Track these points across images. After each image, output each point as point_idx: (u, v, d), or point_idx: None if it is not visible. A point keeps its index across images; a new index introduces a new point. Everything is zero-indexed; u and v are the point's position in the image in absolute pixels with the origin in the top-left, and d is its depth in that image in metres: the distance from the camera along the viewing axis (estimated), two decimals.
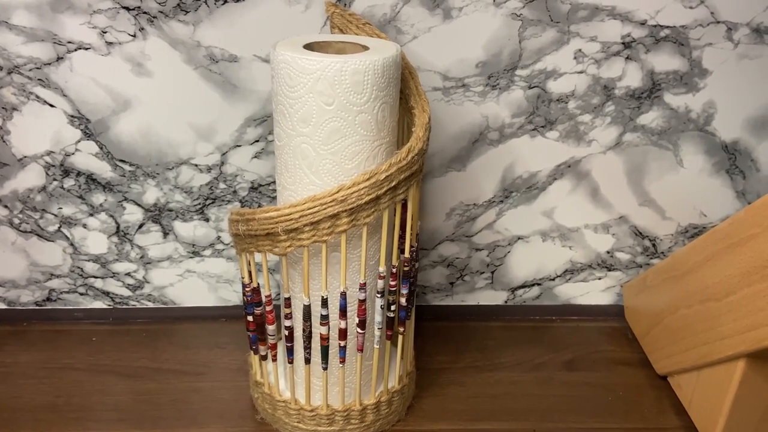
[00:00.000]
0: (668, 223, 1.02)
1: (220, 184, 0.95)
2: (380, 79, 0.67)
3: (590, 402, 0.90)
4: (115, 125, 0.90)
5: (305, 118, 0.67)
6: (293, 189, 0.72)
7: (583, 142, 0.96)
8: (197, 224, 0.98)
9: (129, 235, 0.98)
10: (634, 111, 0.94)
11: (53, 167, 0.92)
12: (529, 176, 0.98)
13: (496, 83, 0.91)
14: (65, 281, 1.00)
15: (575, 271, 1.05)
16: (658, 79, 0.92)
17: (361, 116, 0.67)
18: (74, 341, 0.98)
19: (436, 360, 0.97)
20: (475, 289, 1.06)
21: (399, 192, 0.69)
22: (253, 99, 0.90)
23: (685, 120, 0.95)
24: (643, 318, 1.00)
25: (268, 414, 0.83)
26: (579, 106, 0.93)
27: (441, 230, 1.01)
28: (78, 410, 0.85)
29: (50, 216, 0.96)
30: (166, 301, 1.04)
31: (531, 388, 0.92)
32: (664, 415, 0.89)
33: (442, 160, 0.96)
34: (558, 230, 1.02)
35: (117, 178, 0.94)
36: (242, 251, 0.74)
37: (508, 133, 0.95)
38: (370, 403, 0.80)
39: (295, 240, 0.68)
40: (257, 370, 0.83)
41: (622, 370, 0.96)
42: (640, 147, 0.96)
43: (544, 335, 1.04)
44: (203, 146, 0.93)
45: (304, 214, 0.66)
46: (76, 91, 0.88)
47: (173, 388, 0.89)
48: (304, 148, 0.69)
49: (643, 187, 0.99)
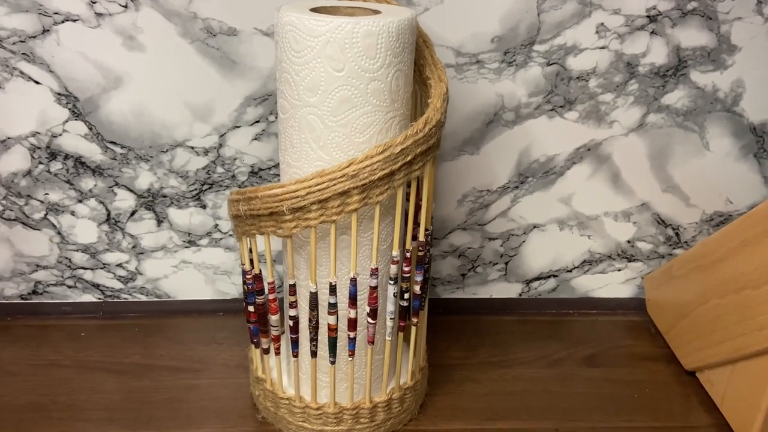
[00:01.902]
0: (692, 211, 0.96)
1: (218, 168, 0.89)
2: (395, 43, 0.61)
3: (614, 399, 0.84)
4: (106, 104, 0.84)
5: (312, 87, 0.61)
6: (299, 166, 0.66)
7: (604, 124, 0.90)
8: (193, 211, 0.92)
9: (120, 223, 0.92)
10: (658, 90, 0.88)
11: (39, 149, 0.86)
12: (546, 160, 0.92)
13: (512, 59, 0.85)
14: (52, 273, 0.94)
15: (594, 262, 1.00)
16: (685, 55, 0.87)
17: (374, 84, 0.61)
18: (62, 337, 0.92)
19: (449, 356, 0.91)
20: (487, 282, 1.01)
21: (415, 168, 0.63)
22: (254, 76, 0.84)
23: (712, 100, 0.89)
24: (667, 311, 0.94)
25: (270, 413, 0.77)
26: (600, 85, 0.88)
27: (452, 218, 0.95)
28: (64, 409, 0.79)
29: (36, 202, 0.89)
30: (160, 294, 0.97)
31: (551, 385, 0.86)
32: (694, 412, 0.83)
33: (453, 142, 0.90)
34: (576, 218, 0.96)
35: (107, 161, 0.88)
36: (243, 235, 0.68)
37: (524, 114, 0.89)
38: (380, 401, 0.74)
39: (301, 220, 0.62)
40: (258, 366, 0.77)
41: (647, 365, 0.91)
42: (664, 129, 0.91)
43: (561, 330, 0.98)
44: (200, 127, 0.87)
45: (311, 190, 0.60)
46: (64, 66, 0.82)
47: (167, 386, 0.83)
48: (311, 120, 0.63)
49: (666, 172, 0.94)
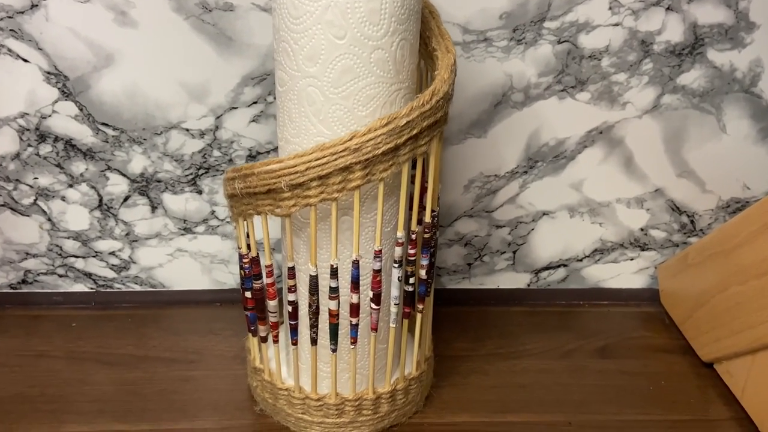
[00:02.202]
0: (708, 197, 0.93)
1: (215, 152, 0.86)
2: (399, 9, 0.57)
3: (629, 392, 0.81)
4: (97, 84, 0.81)
5: (312, 56, 0.58)
6: (297, 142, 0.62)
7: (617, 105, 0.86)
8: (189, 197, 0.88)
9: (113, 209, 0.88)
10: (674, 69, 0.85)
11: (28, 131, 0.83)
12: (557, 143, 0.88)
13: (521, 37, 0.82)
14: (42, 261, 0.91)
15: (605, 250, 0.96)
16: (701, 33, 0.83)
17: (378, 53, 0.58)
18: (52, 327, 0.88)
19: (455, 347, 0.87)
20: (494, 271, 0.97)
21: (421, 142, 0.60)
22: (251, 54, 0.80)
23: (730, 80, 0.86)
24: (683, 300, 0.90)
25: (269, 404, 0.73)
26: (613, 64, 0.84)
27: (458, 204, 0.92)
28: (53, 401, 0.75)
29: (25, 187, 0.86)
30: (155, 284, 0.94)
31: (562, 377, 0.82)
32: (712, 405, 0.79)
33: (460, 125, 0.87)
34: (587, 205, 0.93)
35: (99, 144, 0.84)
36: (239, 216, 0.65)
37: (534, 95, 0.85)
38: (384, 392, 0.71)
39: (300, 197, 0.59)
40: (256, 355, 0.73)
41: (661, 357, 0.87)
42: (679, 110, 0.87)
43: (571, 321, 0.94)
44: (195, 108, 0.83)
45: (311, 165, 0.57)
46: (53, 44, 0.78)
47: (161, 378, 0.79)
48: (310, 92, 0.59)
49: (681, 156, 0.90)
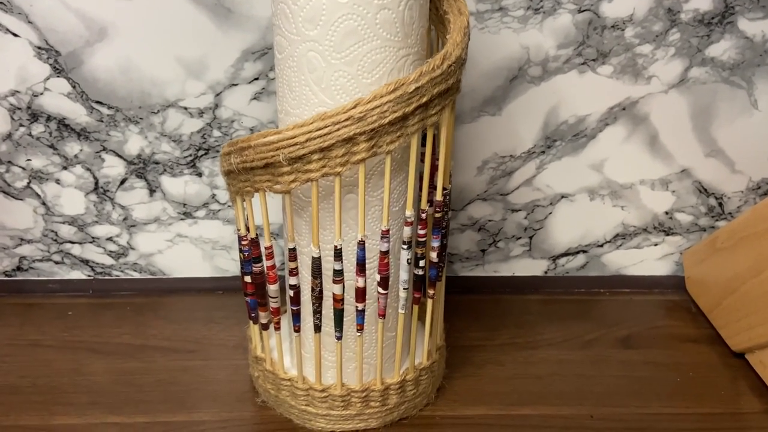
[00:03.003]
0: (738, 178, 0.87)
1: (214, 132, 0.82)
2: None
3: (655, 383, 0.76)
4: (90, 59, 0.77)
5: (312, 17, 0.53)
6: (298, 114, 0.58)
7: (641, 79, 0.81)
8: (188, 180, 0.84)
9: (110, 193, 0.84)
10: (702, 40, 0.79)
11: (19, 110, 0.79)
12: (576, 121, 0.83)
13: (539, 6, 0.77)
14: (37, 247, 0.87)
15: (627, 236, 0.91)
16: (732, 1, 0.77)
17: (384, 13, 0.53)
18: (47, 316, 0.85)
19: (468, 336, 0.83)
20: (510, 258, 0.92)
21: (431, 112, 0.55)
22: (251, 27, 0.76)
23: (762, 52, 0.80)
24: (711, 287, 0.85)
25: (271, 396, 0.69)
26: (638, 34, 0.79)
27: (471, 187, 0.87)
28: (44, 392, 0.72)
29: (17, 169, 0.82)
30: (154, 271, 0.90)
31: (583, 368, 0.78)
32: (744, 397, 0.74)
33: (473, 102, 0.82)
34: (608, 187, 0.88)
35: (93, 123, 0.80)
36: (237, 194, 0.60)
37: (552, 69, 0.80)
38: (393, 382, 0.66)
39: (300, 172, 0.54)
40: (257, 344, 0.69)
41: (689, 347, 0.82)
42: (708, 85, 0.82)
43: (591, 310, 0.89)
44: (193, 85, 0.79)
45: (312, 136, 0.52)
46: (43, 17, 0.75)
47: (158, 368, 0.76)
48: (311, 57, 0.55)
49: (710, 134, 0.85)
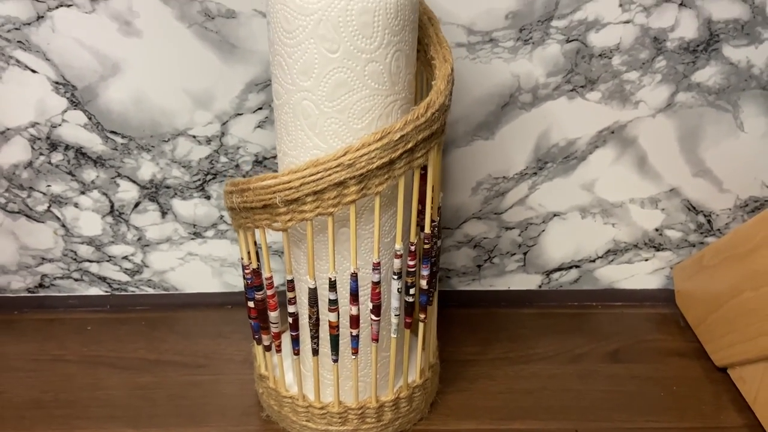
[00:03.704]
0: (726, 196, 0.90)
1: (221, 158, 0.86)
2: (393, 20, 0.56)
3: (639, 398, 0.79)
4: (104, 92, 0.82)
5: (306, 70, 0.57)
6: (295, 155, 0.62)
7: (629, 104, 0.84)
8: (198, 202, 0.89)
9: (124, 215, 0.89)
10: (688, 67, 0.82)
11: (39, 140, 0.84)
12: (567, 144, 0.87)
13: (528, 37, 0.80)
14: (58, 266, 0.93)
15: (619, 251, 0.94)
16: (717, 29, 0.80)
17: (372, 66, 0.57)
18: (68, 331, 0.90)
19: (462, 351, 0.87)
20: (505, 273, 0.96)
21: (417, 155, 0.59)
22: (255, 60, 0.80)
23: (747, 77, 0.83)
24: (698, 303, 0.88)
25: (274, 411, 0.74)
26: (625, 62, 0.82)
27: (466, 207, 0.91)
28: (65, 406, 0.77)
29: (38, 194, 0.88)
30: (167, 287, 0.95)
31: (571, 383, 0.82)
32: (725, 411, 0.78)
33: (466, 127, 0.86)
34: (599, 205, 0.91)
35: (108, 151, 0.85)
36: (239, 227, 0.65)
37: (542, 95, 0.84)
38: (387, 400, 0.71)
39: (296, 212, 0.59)
40: (261, 363, 0.74)
41: (675, 361, 0.85)
42: (694, 108, 0.85)
43: (583, 323, 0.93)
44: (201, 115, 0.84)
45: (305, 181, 0.57)
46: (60, 54, 0.79)
47: (171, 382, 0.81)
48: (305, 106, 0.59)
49: (697, 155, 0.87)
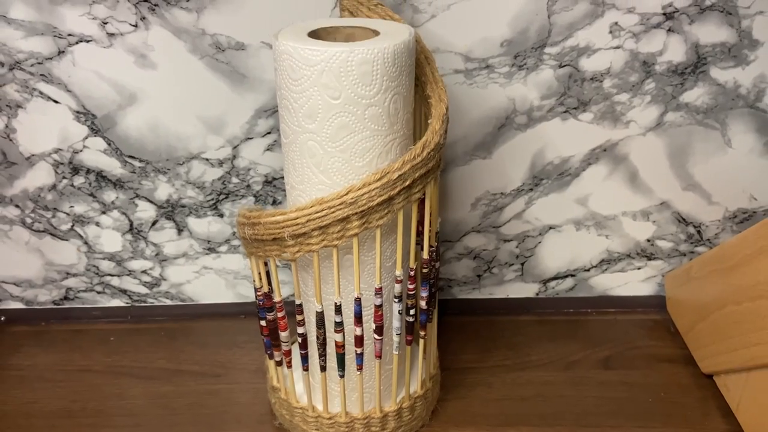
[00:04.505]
0: (715, 208, 0.94)
1: (233, 179, 0.91)
2: (391, 68, 0.61)
3: (629, 404, 0.84)
4: (122, 120, 0.87)
5: (311, 114, 0.62)
6: (302, 189, 0.67)
7: (620, 124, 0.88)
8: (211, 220, 0.94)
9: (143, 233, 0.95)
10: (676, 88, 0.86)
11: (62, 165, 0.89)
12: (561, 162, 0.91)
13: (523, 63, 0.84)
14: (82, 280, 0.98)
15: (612, 261, 0.99)
16: (704, 52, 0.84)
17: (371, 110, 0.62)
18: (92, 341, 0.96)
19: (462, 359, 0.92)
20: (504, 282, 1.01)
21: (414, 191, 0.63)
22: (263, 89, 0.85)
23: (734, 96, 0.86)
24: (687, 311, 0.93)
25: (286, 420, 0.80)
26: (615, 85, 0.85)
27: (466, 221, 0.95)
28: (93, 415, 0.83)
29: (62, 215, 0.93)
30: (184, 298, 1.01)
31: (564, 389, 0.86)
32: (710, 417, 0.82)
33: (465, 147, 0.90)
34: (593, 218, 0.95)
35: (127, 174, 0.90)
36: (251, 255, 0.70)
37: (537, 117, 0.88)
38: (391, 410, 0.76)
39: (303, 245, 0.64)
40: (273, 375, 0.79)
41: (664, 367, 0.90)
42: (683, 127, 0.88)
43: (578, 329, 0.98)
44: (213, 139, 0.88)
45: (311, 218, 0.62)
46: (80, 85, 0.84)
47: (190, 391, 0.87)
48: (311, 146, 0.64)
49: (686, 170, 0.91)
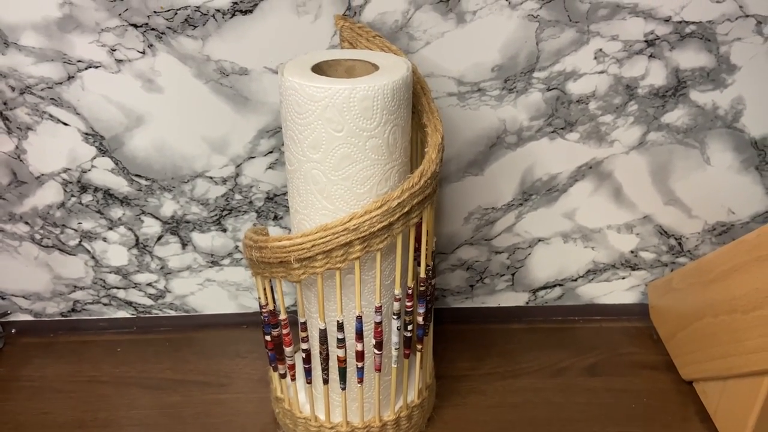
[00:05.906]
0: (695, 222, 0.99)
1: (236, 196, 0.95)
2: (390, 102, 0.65)
3: (613, 409, 0.89)
4: (129, 141, 0.90)
5: (315, 145, 0.66)
6: (306, 213, 0.71)
7: (604, 143, 0.93)
8: (215, 235, 0.98)
9: (148, 247, 0.98)
10: (658, 110, 0.90)
11: (71, 184, 0.93)
12: (549, 178, 0.95)
13: (513, 86, 0.88)
14: (89, 293, 1.02)
15: (598, 271, 1.03)
16: (684, 76, 0.88)
17: (372, 141, 0.66)
18: (100, 352, 1.00)
19: (457, 367, 0.96)
20: (495, 291, 1.05)
21: (412, 216, 0.68)
22: (265, 111, 0.89)
23: (713, 117, 0.91)
24: (668, 319, 0.97)
25: (290, 429, 0.84)
26: (600, 107, 0.90)
27: (459, 234, 1.00)
28: (104, 426, 0.87)
29: (70, 231, 0.96)
30: (188, 309, 1.04)
31: (552, 396, 0.91)
32: (689, 422, 0.87)
33: (458, 164, 0.94)
34: (580, 231, 1.00)
35: (134, 192, 0.94)
36: (257, 275, 0.74)
37: (526, 137, 0.92)
38: (389, 419, 0.81)
39: (308, 268, 0.68)
40: (277, 386, 0.83)
41: (647, 374, 0.95)
42: (664, 146, 0.93)
43: (566, 337, 1.03)
44: (217, 159, 0.92)
45: (316, 243, 0.66)
46: (89, 109, 0.88)
47: (197, 401, 0.90)
48: (315, 174, 0.68)
49: (668, 186, 0.96)
